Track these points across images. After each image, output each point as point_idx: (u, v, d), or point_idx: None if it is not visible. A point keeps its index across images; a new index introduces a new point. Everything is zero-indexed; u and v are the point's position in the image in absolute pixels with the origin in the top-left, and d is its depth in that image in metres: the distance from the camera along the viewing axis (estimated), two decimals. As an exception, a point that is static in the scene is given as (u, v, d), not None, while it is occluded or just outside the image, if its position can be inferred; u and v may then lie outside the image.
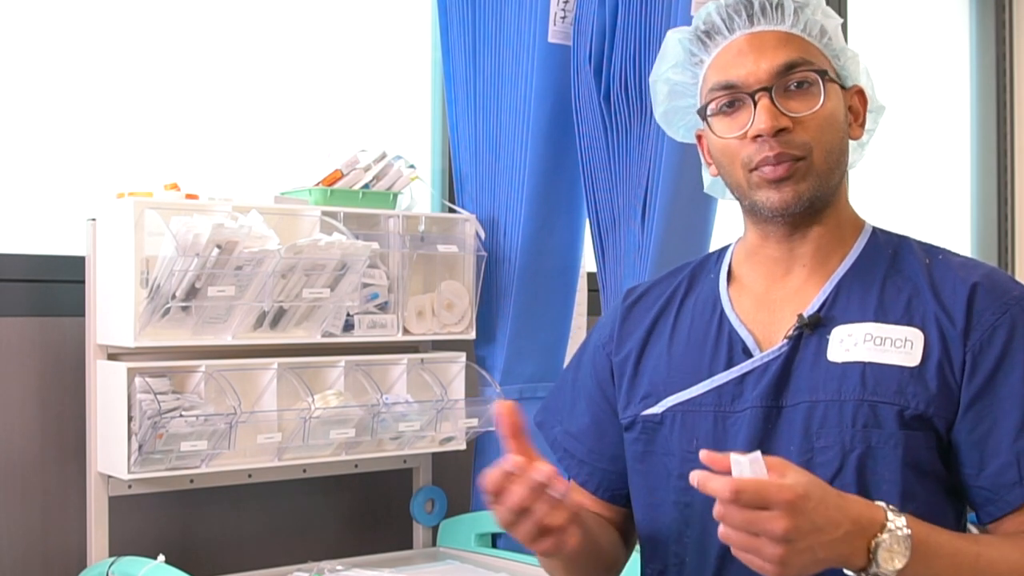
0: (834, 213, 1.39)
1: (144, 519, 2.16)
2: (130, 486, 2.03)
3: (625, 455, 1.46)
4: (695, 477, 1.15)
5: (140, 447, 1.92)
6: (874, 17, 3.71)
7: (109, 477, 2.01)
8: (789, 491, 1.11)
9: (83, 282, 2.04)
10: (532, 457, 1.21)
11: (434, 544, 2.41)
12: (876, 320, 1.33)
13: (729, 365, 1.37)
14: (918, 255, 1.38)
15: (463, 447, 2.34)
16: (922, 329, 1.31)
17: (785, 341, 1.35)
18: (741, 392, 1.35)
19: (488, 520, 2.36)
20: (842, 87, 1.38)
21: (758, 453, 1.14)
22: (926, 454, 1.29)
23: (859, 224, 1.43)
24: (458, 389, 2.33)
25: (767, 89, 1.32)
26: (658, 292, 1.50)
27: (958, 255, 1.40)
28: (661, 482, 1.40)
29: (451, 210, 2.44)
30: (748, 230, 1.43)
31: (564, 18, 2.32)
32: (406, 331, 2.26)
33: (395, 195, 2.29)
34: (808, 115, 1.32)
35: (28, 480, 2.07)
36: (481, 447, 2.42)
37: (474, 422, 2.32)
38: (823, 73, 1.33)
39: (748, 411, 1.34)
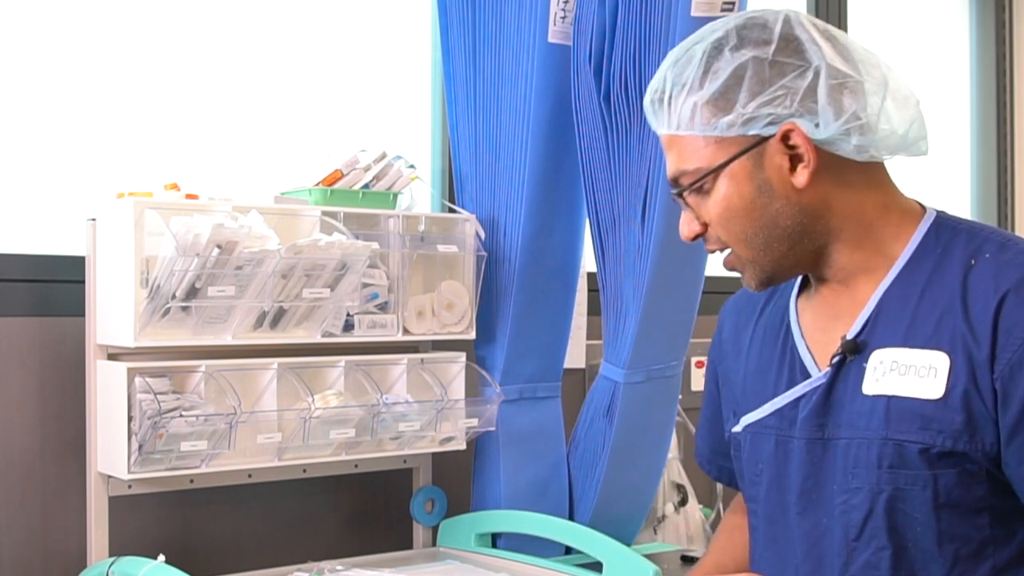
0: (844, 246, 1.28)
1: (144, 519, 2.16)
2: (130, 486, 2.03)
3: None
4: None
5: (140, 447, 1.92)
6: (874, 17, 3.71)
7: (109, 477, 2.01)
8: None
9: (83, 282, 2.03)
10: None
11: (434, 544, 2.41)
12: (905, 344, 1.22)
13: (790, 385, 1.30)
14: (964, 255, 1.24)
15: (463, 447, 2.34)
16: (949, 352, 1.19)
17: (829, 367, 1.26)
18: (795, 417, 1.28)
19: (488, 520, 2.36)
20: (761, 140, 1.24)
21: None
22: (964, 490, 1.19)
23: (912, 222, 1.29)
24: (458, 389, 2.33)
25: (678, 195, 1.29)
26: (748, 297, 1.43)
27: (1013, 247, 1.24)
28: (744, 498, 1.39)
29: (451, 210, 2.44)
30: None
31: (564, 18, 2.32)
32: (406, 331, 2.26)
33: (395, 195, 2.29)
34: (708, 217, 1.27)
35: (28, 480, 2.07)
36: (481, 447, 2.42)
37: (474, 422, 2.31)
38: (703, 171, 1.25)
39: (798, 440, 1.27)
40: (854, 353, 1.25)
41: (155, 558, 1.89)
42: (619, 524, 2.40)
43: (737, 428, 1.37)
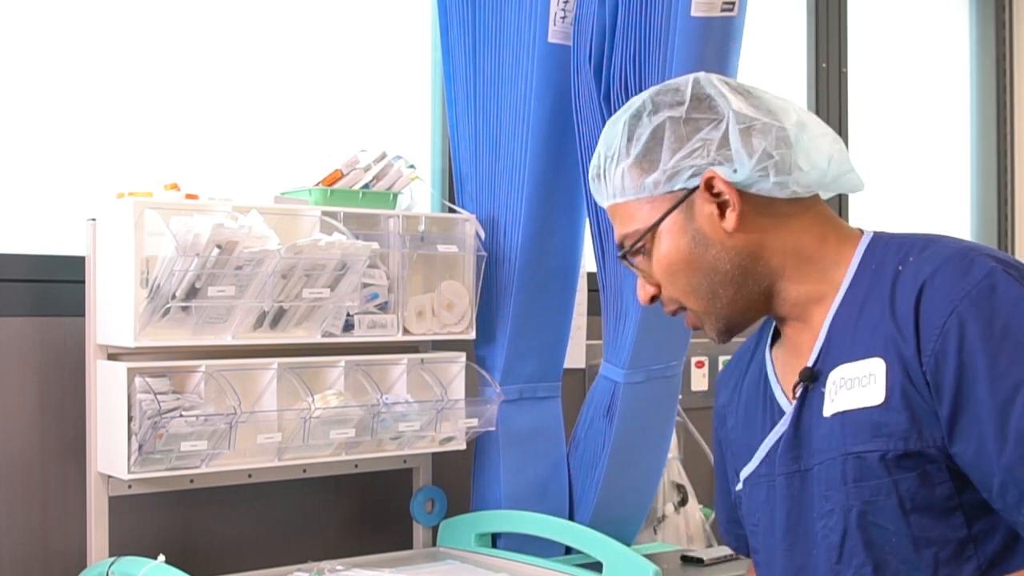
0: (789, 282, 1.32)
1: (144, 519, 2.16)
2: (130, 486, 2.03)
3: None
4: None
5: (140, 447, 1.92)
6: (874, 18, 3.71)
7: (109, 477, 2.01)
8: None
9: (83, 282, 2.03)
10: None
11: (434, 544, 2.41)
12: (847, 360, 1.25)
13: (771, 428, 1.33)
14: (893, 264, 1.27)
15: (463, 447, 2.34)
16: (884, 357, 1.22)
17: (795, 400, 1.29)
18: (776, 457, 1.31)
19: (488, 520, 2.36)
20: (689, 194, 1.30)
21: None
22: (929, 492, 1.20)
23: (850, 248, 1.33)
24: (458, 389, 2.33)
25: (627, 262, 1.36)
26: (740, 354, 1.48)
27: (934, 245, 1.27)
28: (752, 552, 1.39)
29: (451, 210, 2.44)
30: None
31: (564, 18, 2.32)
32: (406, 331, 2.26)
33: (395, 195, 2.29)
34: (657, 276, 1.34)
35: (28, 480, 2.07)
36: (481, 447, 2.42)
37: (474, 422, 2.31)
38: (641, 233, 1.32)
39: (778, 479, 1.29)
40: (812, 381, 1.28)
41: (155, 558, 1.89)
42: (619, 524, 2.40)
43: (739, 486, 1.39)
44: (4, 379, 2.05)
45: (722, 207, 1.30)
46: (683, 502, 2.69)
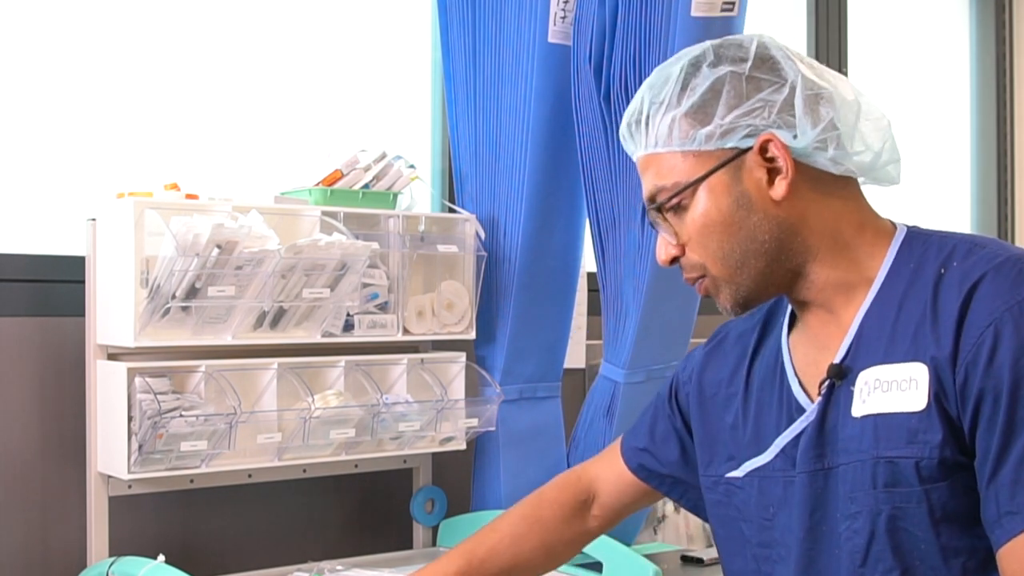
0: (821, 265, 1.28)
1: (144, 519, 2.16)
2: (130, 486, 2.03)
3: (708, 513, 1.42)
4: None
5: (140, 447, 1.92)
6: (874, 18, 3.71)
7: (109, 477, 2.01)
8: None
9: (83, 282, 2.03)
10: None
11: (434, 544, 2.41)
12: (885, 361, 1.21)
13: (789, 424, 1.29)
14: (935, 265, 1.24)
15: (463, 447, 2.34)
16: (926, 363, 1.18)
17: (820, 397, 1.26)
18: (796, 454, 1.27)
19: (488, 520, 2.35)
20: (741, 153, 1.25)
21: None
22: (961, 501, 1.17)
23: (885, 241, 1.29)
24: (458, 389, 2.33)
25: (652, 223, 1.31)
26: (734, 339, 1.43)
27: (981, 249, 1.24)
28: (740, 548, 1.36)
29: (451, 210, 2.44)
30: None
31: (564, 18, 2.32)
32: (406, 331, 2.26)
33: (395, 195, 2.29)
34: (686, 236, 1.28)
35: (28, 480, 2.07)
36: (481, 447, 2.42)
37: (474, 422, 2.31)
38: (681, 186, 1.26)
39: (799, 475, 1.26)
40: (840, 378, 1.24)
41: (155, 558, 1.89)
42: (619, 524, 2.39)
43: (736, 473, 1.35)
44: (4, 379, 2.05)
45: (772, 174, 1.26)
46: (683, 502, 2.69)
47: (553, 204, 2.39)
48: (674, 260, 1.30)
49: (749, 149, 1.25)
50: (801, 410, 1.28)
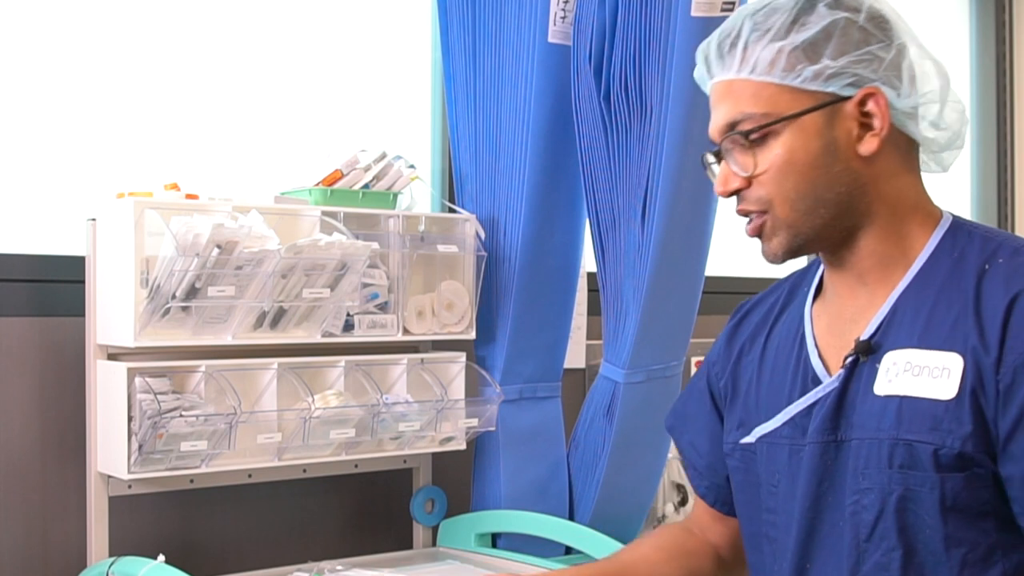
0: (878, 228, 1.27)
1: (144, 519, 2.16)
2: (130, 486, 2.03)
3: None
4: None
5: (140, 447, 1.92)
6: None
7: (109, 477, 2.01)
8: None
9: (83, 282, 2.03)
10: None
11: (434, 544, 2.41)
12: (920, 345, 1.22)
13: (803, 394, 1.30)
14: (978, 259, 1.24)
15: (463, 447, 2.34)
16: (962, 354, 1.19)
17: (842, 370, 1.26)
18: (808, 423, 1.28)
19: (488, 520, 2.36)
20: (838, 100, 1.24)
21: None
22: (973, 494, 1.19)
23: (931, 224, 1.29)
24: (458, 389, 2.33)
25: (719, 150, 1.27)
26: (759, 309, 1.43)
27: (1021, 254, 1.25)
28: (754, 513, 1.36)
29: (451, 210, 2.44)
30: None
31: (564, 18, 2.32)
32: (406, 331, 2.26)
33: (395, 195, 2.29)
34: (757, 172, 1.24)
35: (28, 480, 2.07)
36: (481, 447, 2.42)
37: (474, 422, 2.31)
38: (771, 119, 1.23)
39: (809, 445, 1.27)
40: (867, 354, 1.24)
41: (155, 558, 1.89)
42: (619, 524, 2.40)
43: (748, 439, 1.36)
44: (4, 379, 2.05)
45: (863, 128, 1.25)
46: (683, 502, 2.69)
47: (553, 204, 2.39)
48: (735, 192, 1.26)
49: (848, 98, 1.24)
50: (817, 381, 1.29)
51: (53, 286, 2.11)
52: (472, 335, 2.35)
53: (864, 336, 1.25)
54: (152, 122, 2.28)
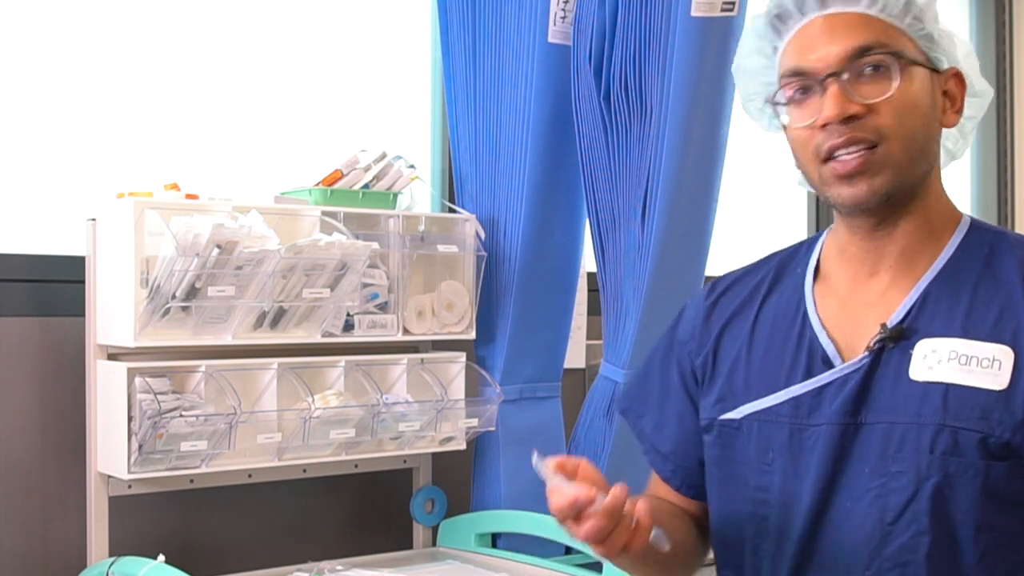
0: (923, 208, 1.30)
1: (144, 519, 2.16)
2: (130, 486, 2.03)
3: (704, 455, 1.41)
4: None
5: (140, 447, 1.92)
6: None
7: (109, 477, 2.01)
8: None
9: (83, 282, 2.03)
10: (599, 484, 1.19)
11: (434, 544, 2.41)
12: (963, 335, 1.23)
13: (808, 374, 1.30)
14: (1015, 257, 1.28)
15: (463, 447, 2.34)
16: (1013, 347, 1.21)
17: (866, 353, 1.26)
18: (819, 405, 1.28)
19: (488, 520, 2.36)
20: (934, 70, 1.29)
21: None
22: (1010, 483, 1.21)
23: (954, 220, 1.33)
24: (458, 389, 2.33)
25: (837, 74, 1.24)
26: (741, 287, 1.42)
27: None
28: (737, 490, 1.35)
29: (451, 210, 2.44)
30: (838, 223, 1.34)
31: (564, 18, 2.32)
32: (406, 331, 2.26)
33: (395, 195, 2.29)
34: (882, 100, 1.24)
35: (28, 480, 2.07)
36: (481, 447, 2.42)
37: (474, 422, 2.31)
38: (899, 55, 1.25)
39: (825, 427, 1.27)
40: (898, 340, 1.25)
41: (155, 558, 1.89)
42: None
43: (732, 415, 1.35)
44: (4, 379, 2.05)
45: (952, 101, 1.31)
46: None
47: (553, 204, 2.39)
48: (852, 117, 1.24)
49: (942, 71, 1.30)
50: (828, 362, 1.29)
51: (53, 286, 2.11)
52: (472, 335, 2.35)
53: (893, 321, 1.26)
54: (152, 122, 2.28)
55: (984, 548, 1.21)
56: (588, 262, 2.51)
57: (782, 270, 1.40)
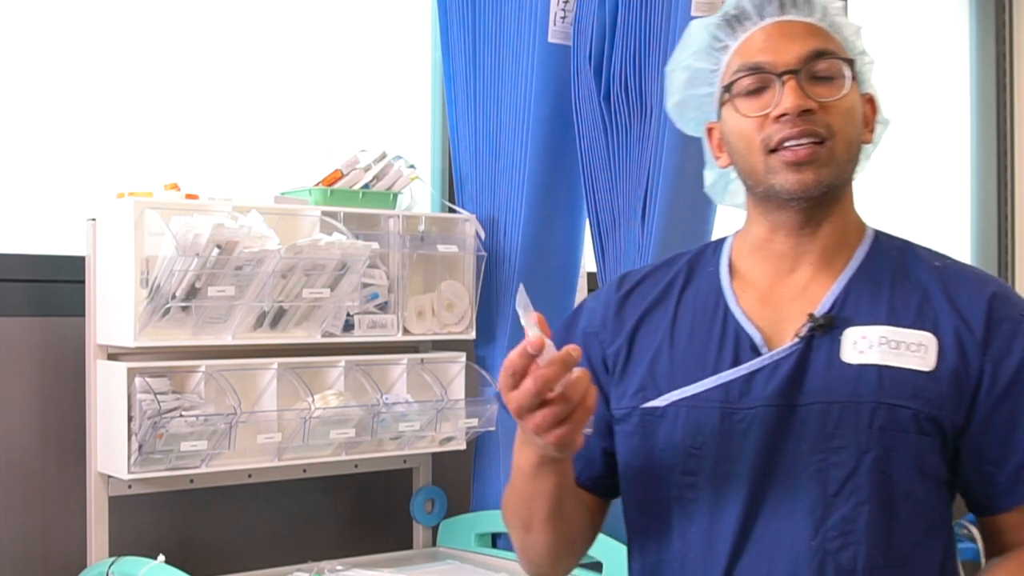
0: (842, 212, 1.40)
1: (144, 519, 2.16)
2: (130, 486, 2.03)
3: (616, 447, 1.45)
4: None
5: (140, 447, 1.92)
6: (874, 17, 3.71)
7: (109, 477, 2.02)
8: None
9: (83, 282, 2.04)
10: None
11: (434, 544, 2.41)
12: (889, 323, 1.35)
13: (736, 361, 1.37)
14: (925, 260, 1.41)
15: (463, 447, 2.34)
16: (935, 334, 1.34)
17: (797, 340, 1.35)
18: (750, 389, 1.35)
19: (488, 520, 2.36)
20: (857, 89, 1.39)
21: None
22: (933, 457, 1.33)
23: (863, 228, 1.44)
24: (458, 389, 2.33)
25: (795, 72, 1.34)
26: (653, 281, 1.48)
27: (965, 264, 1.44)
28: (661, 477, 1.39)
29: (451, 210, 2.44)
30: (755, 223, 1.42)
31: (564, 18, 2.32)
32: (406, 331, 2.26)
33: (395, 195, 2.29)
34: (833, 101, 1.34)
35: (28, 480, 2.07)
36: (481, 447, 2.42)
37: (474, 422, 2.31)
38: (850, 63, 1.36)
39: (760, 409, 1.34)
40: (827, 328, 1.35)
41: (155, 558, 1.89)
42: (618, 523, 2.39)
43: (655, 403, 1.40)
44: (4, 379, 2.05)
45: (867, 122, 1.42)
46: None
47: (553, 204, 2.39)
48: (808, 111, 1.33)
49: (863, 94, 1.41)
50: (756, 350, 1.37)
51: (53, 286, 2.11)
52: (472, 335, 2.35)
53: (820, 312, 1.36)
54: (152, 122, 2.28)
55: (911, 516, 1.32)
56: (588, 262, 2.51)
57: (693, 268, 1.48)
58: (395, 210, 2.28)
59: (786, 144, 1.33)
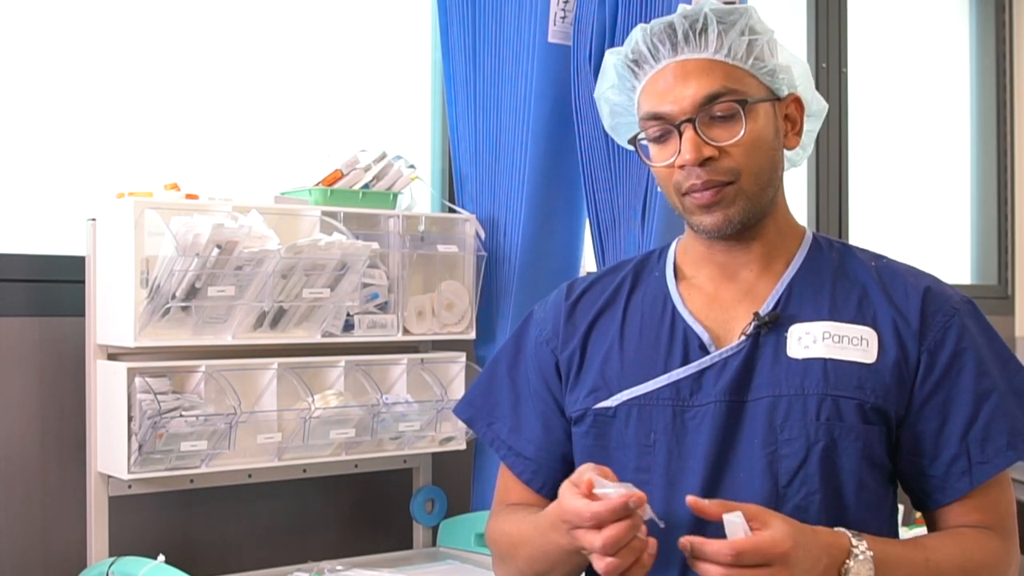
0: (773, 223, 1.45)
1: (144, 519, 2.16)
2: (130, 486, 2.03)
3: (573, 451, 1.49)
4: (686, 541, 1.23)
5: (140, 447, 1.93)
6: (874, 18, 3.71)
7: (109, 477, 2.02)
8: (783, 544, 1.21)
9: (83, 282, 2.04)
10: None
11: (434, 544, 2.41)
12: (832, 319, 1.40)
13: (686, 361, 1.42)
14: (862, 259, 1.47)
15: (463, 447, 2.34)
16: (875, 328, 1.40)
17: (744, 338, 1.40)
18: (700, 387, 1.40)
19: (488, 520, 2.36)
20: (777, 99, 1.42)
21: (740, 514, 1.22)
22: (879, 447, 1.38)
23: (800, 230, 1.49)
24: (458, 389, 2.33)
25: (691, 120, 1.36)
26: (601, 287, 1.53)
27: (899, 261, 1.49)
28: (616, 475, 1.39)
29: (451, 210, 2.44)
30: (693, 237, 1.48)
31: (564, 18, 2.33)
32: (406, 331, 2.26)
33: (395, 195, 2.29)
34: (732, 143, 1.37)
35: (28, 480, 2.07)
36: (481, 447, 2.42)
37: (474, 422, 2.31)
38: (743, 102, 1.37)
39: (711, 405, 1.39)
40: (773, 325, 1.40)
41: (155, 558, 1.89)
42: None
43: (607, 403, 1.44)
44: (4, 379, 2.05)
45: (787, 125, 1.45)
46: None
47: (553, 204, 2.39)
48: (707, 160, 1.36)
49: (783, 98, 1.43)
50: (705, 349, 1.41)
51: (53, 286, 2.11)
52: (472, 335, 2.36)
53: (765, 310, 1.41)
54: (152, 122, 2.28)
55: (862, 504, 1.36)
56: (588, 262, 2.51)
57: (639, 273, 1.53)
58: (395, 210, 2.28)
59: (692, 192, 1.38)
